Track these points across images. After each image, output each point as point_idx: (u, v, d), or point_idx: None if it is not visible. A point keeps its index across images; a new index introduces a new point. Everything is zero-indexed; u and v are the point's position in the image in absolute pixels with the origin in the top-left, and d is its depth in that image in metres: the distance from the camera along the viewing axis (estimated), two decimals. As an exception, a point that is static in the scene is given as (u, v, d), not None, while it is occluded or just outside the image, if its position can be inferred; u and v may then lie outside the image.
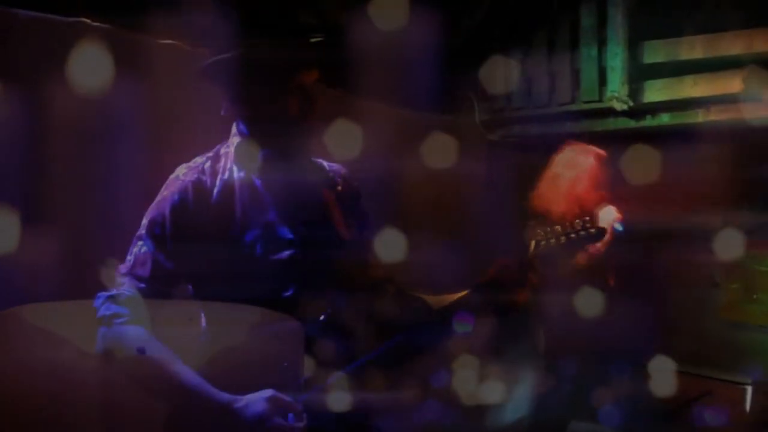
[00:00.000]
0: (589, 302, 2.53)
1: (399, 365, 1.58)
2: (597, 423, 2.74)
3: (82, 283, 1.56)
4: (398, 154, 2.92)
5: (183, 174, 1.59)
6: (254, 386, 1.46)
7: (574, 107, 3.36)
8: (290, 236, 1.56)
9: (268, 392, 1.44)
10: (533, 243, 1.85)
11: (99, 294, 1.52)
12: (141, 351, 1.41)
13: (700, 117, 3.12)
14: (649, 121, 3.26)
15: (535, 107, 3.45)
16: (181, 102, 2.15)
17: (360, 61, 2.48)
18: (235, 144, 1.62)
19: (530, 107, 3.47)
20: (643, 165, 2.85)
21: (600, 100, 3.25)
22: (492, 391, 2.68)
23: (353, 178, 1.77)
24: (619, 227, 2.30)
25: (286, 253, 1.55)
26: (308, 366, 1.49)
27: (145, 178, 1.81)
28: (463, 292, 1.67)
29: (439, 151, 3.02)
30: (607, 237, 2.42)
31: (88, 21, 2.10)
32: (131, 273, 1.53)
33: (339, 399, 1.48)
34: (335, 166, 1.77)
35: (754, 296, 3.30)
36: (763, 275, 3.28)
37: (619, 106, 3.19)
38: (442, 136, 3.09)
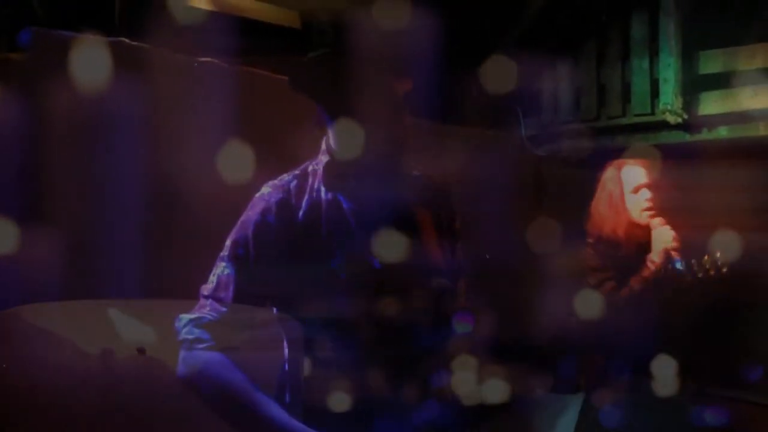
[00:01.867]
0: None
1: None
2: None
3: (82, 283, 1.53)
4: (441, 171, 2.84)
5: (267, 193, 1.50)
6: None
7: (624, 121, 3.27)
8: (377, 265, 1.47)
9: None
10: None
11: (180, 315, 1.46)
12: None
13: (761, 130, 2.99)
14: (705, 135, 3.13)
15: (584, 121, 3.36)
16: (205, 114, 2.14)
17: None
18: (323, 162, 1.53)
19: (579, 121, 3.38)
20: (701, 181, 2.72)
21: (652, 113, 3.16)
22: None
23: (453, 193, 1.64)
24: (679, 265, 2.16)
25: (372, 281, 1.46)
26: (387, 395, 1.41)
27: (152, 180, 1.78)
28: None
29: (484, 168, 2.94)
30: (660, 261, 2.30)
31: (127, 41, 2.12)
32: (213, 296, 1.46)
33: None
34: (435, 180, 1.62)
35: None
36: None
37: (672, 119, 3.09)
38: (486, 152, 3.01)
